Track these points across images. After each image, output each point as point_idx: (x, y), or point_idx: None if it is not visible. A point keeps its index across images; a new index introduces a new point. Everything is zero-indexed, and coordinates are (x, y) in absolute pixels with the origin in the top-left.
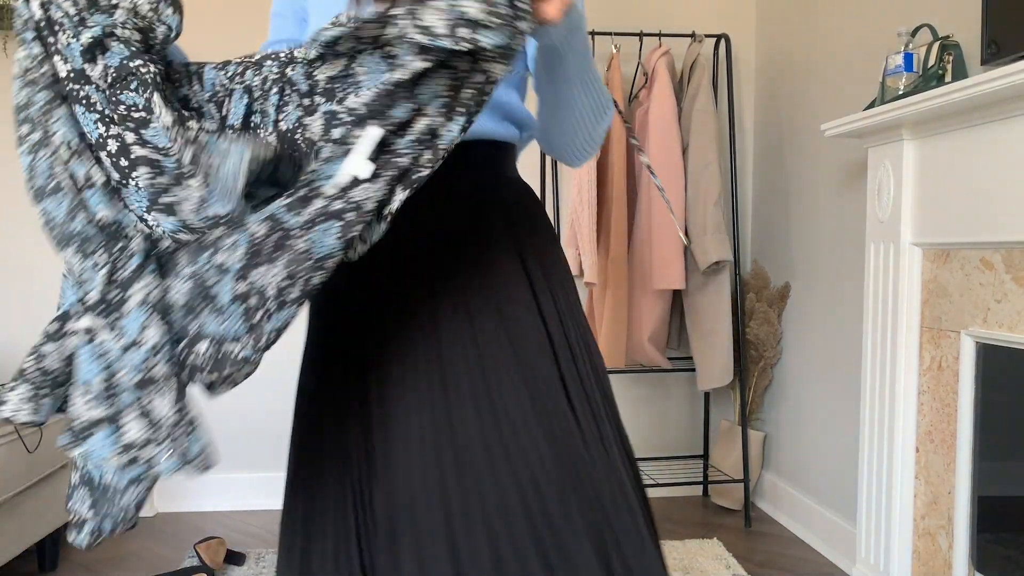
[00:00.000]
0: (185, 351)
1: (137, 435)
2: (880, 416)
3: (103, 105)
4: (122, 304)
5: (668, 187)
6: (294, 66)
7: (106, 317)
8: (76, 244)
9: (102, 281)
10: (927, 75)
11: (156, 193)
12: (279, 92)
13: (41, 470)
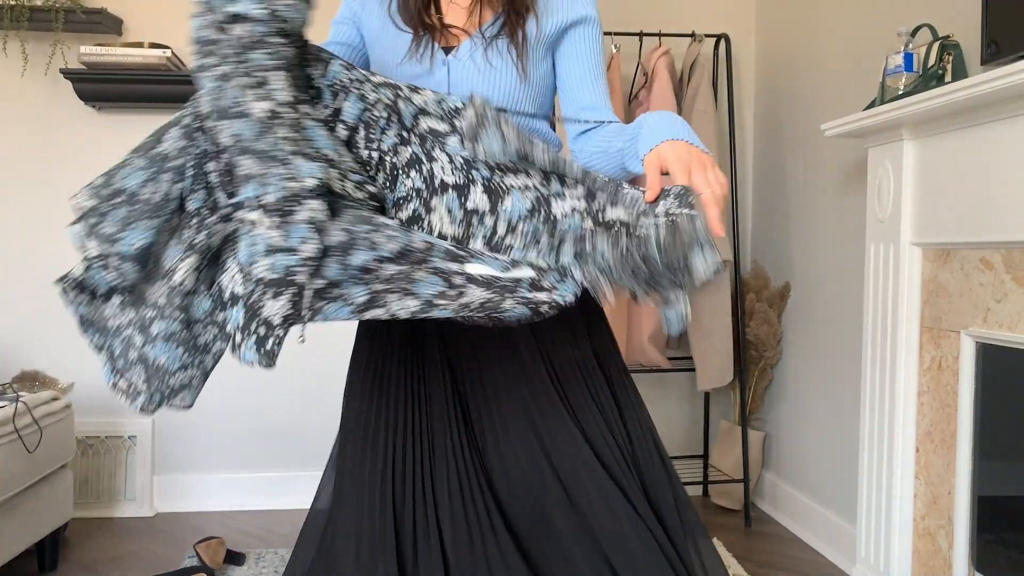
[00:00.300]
0: (311, 277)
1: (268, 313)
2: (880, 416)
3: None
4: (292, 215)
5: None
6: (406, 103)
7: (279, 218)
8: (259, 157)
9: (284, 193)
10: (927, 75)
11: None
12: (388, 115)
13: (41, 470)
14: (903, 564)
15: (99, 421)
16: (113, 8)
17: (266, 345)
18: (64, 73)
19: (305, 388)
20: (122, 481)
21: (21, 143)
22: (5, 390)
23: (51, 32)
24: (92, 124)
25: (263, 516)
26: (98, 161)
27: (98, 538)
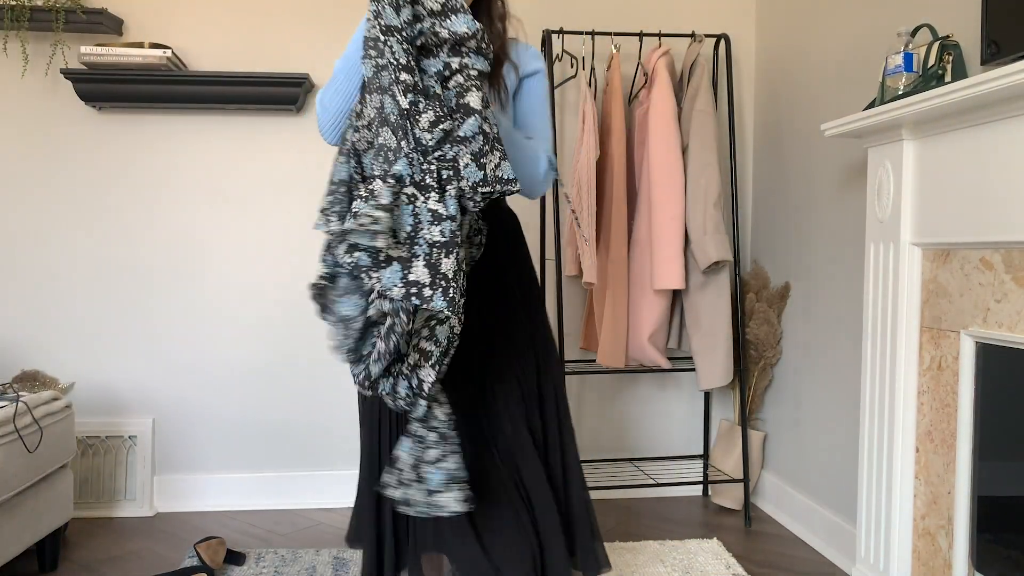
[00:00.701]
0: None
1: (420, 276)
2: (880, 416)
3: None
4: (446, 188)
5: (668, 187)
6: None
7: (436, 193)
8: (392, 129)
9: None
10: (927, 75)
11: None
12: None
13: (41, 470)
14: (903, 564)
15: (99, 421)
16: (114, 8)
17: (449, 294)
18: (64, 73)
19: (305, 388)
20: (122, 481)
21: (21, 143)
22: (5, 390)
23: (51, 32)
24: (92, 124)
25: (263, 516)
26: (98, 161)
27: (98, 538)
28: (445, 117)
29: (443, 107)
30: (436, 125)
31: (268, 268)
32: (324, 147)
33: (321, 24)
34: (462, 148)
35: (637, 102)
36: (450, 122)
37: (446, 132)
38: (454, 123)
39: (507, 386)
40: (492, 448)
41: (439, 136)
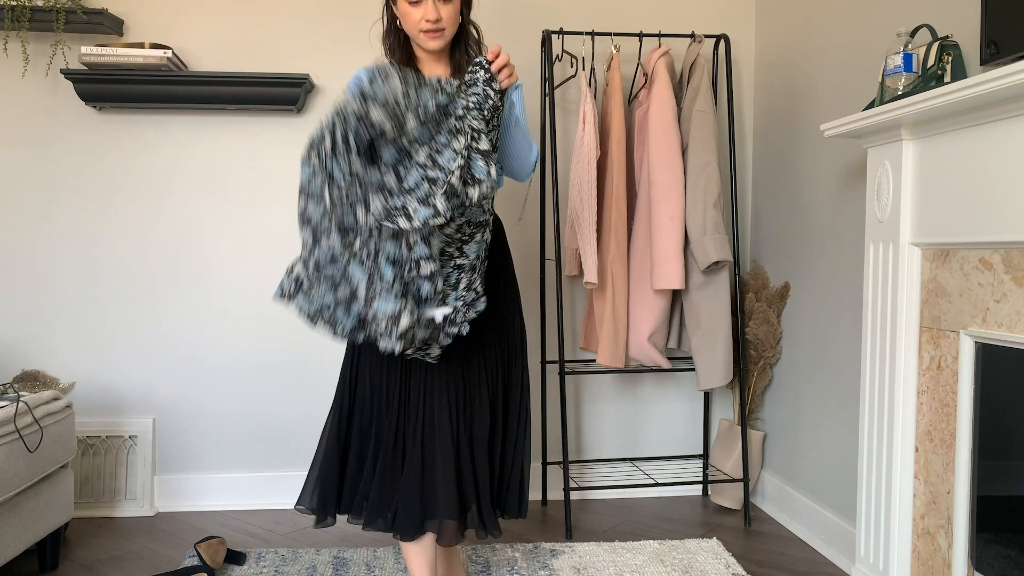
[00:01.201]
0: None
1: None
2: (879, 416)
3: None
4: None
5: (668, 187)
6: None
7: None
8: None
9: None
10: (926, 75)
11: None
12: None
13: (42, 470)
14: (902, 563)
15: (100, 421)
16: (114, 8)
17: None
18: (65, 73)
19: (305, 388)
20: (123, 481)
21: (22, 143)
22: (6, 390)
23: (52, 32)
24: (93, 124)
25: (263, 515)
26: (98, 161)
27: (99, 538)
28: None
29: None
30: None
31: (268, 268)
32: None
33: (321, 24)
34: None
35: (637, 102)
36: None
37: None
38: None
39: (481, 365)
40: (458, 412)
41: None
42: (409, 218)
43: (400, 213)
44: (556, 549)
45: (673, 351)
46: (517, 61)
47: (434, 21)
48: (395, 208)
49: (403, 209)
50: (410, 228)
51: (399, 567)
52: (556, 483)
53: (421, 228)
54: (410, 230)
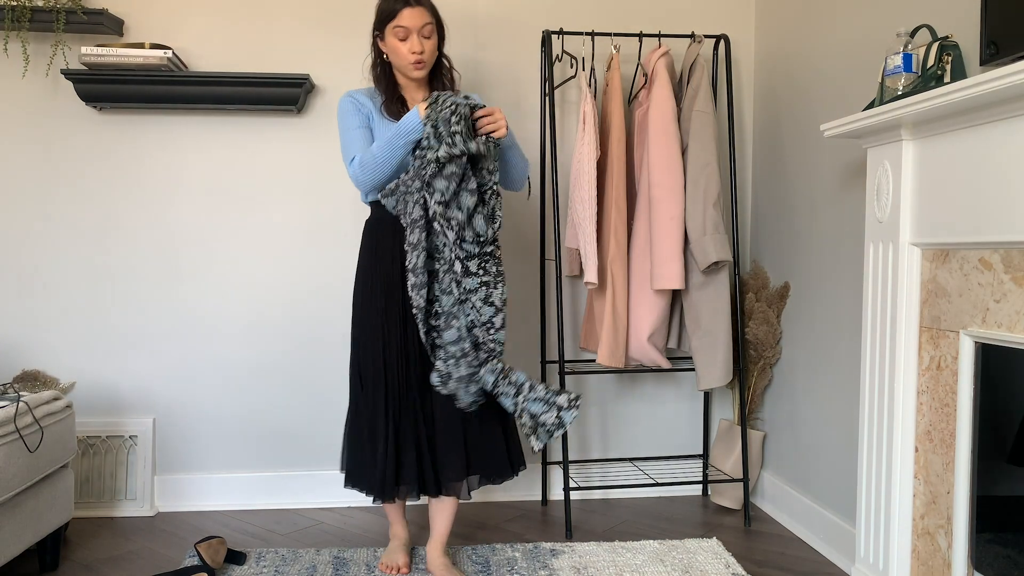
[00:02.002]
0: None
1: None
2: (879, 416)
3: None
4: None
5: (668, 187)
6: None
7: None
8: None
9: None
10: (926, 75)
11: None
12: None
13: (42, 470)
14: (902, 563)
15: (100, 421)
16: (114, 9)
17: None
18: (65, 74)
19: (305, 388)
20: (123, 481)
21: (22, 144)
22: (6, 390)
23: (52, 33)
24: (93, 125)
25: (263, 515)
26: (98, 161)
27: (99, 537)
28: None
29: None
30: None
31: (268, 268)
32: (324, 148)
33: (322, 25)
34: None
35: (637, 102)
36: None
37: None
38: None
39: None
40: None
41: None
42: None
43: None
44: (556, 549)
45: (673, 351)
46: (517, 61)
47: (419, 53)
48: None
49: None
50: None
51: None
52: (556, 483)
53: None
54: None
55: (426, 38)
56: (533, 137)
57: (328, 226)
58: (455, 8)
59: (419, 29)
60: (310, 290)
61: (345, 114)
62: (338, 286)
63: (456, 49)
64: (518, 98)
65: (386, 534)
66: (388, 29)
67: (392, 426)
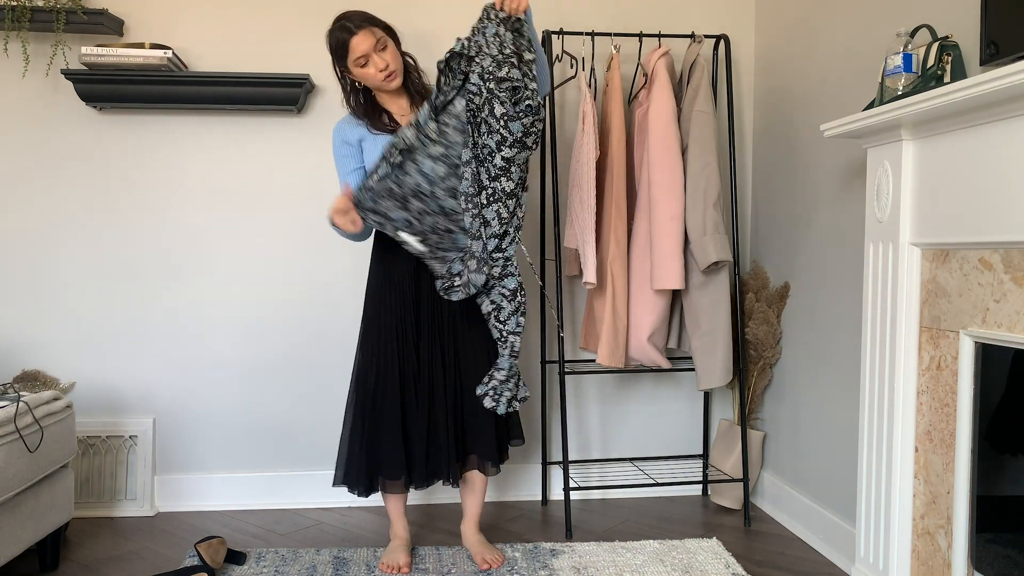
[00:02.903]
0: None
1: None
2: (879, 416)
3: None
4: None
5: (668, 187)
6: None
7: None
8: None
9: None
10: (926, 75)
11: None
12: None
13: (42, 470)
14: (902, 563)
15: (100, 421)
16: (114, 9)
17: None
18: (65, 74)
19: (305, 388)
20: (123, 481)
21: (22, 144)
22: (6, 390)
23: (52, 33)
24: (93, 125)
25: (263, 515)
26: (98, 161)
27: (99, 537)
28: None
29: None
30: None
31: (268, 268)
32: (324, 148)
33: (322, 25)
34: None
35: (637, 102)
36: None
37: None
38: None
39: (471, 347)
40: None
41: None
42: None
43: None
44: (556, 549)
45: (673, 351)
46: None
47: (383, 68)
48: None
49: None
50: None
51: None
52: (556, 483)
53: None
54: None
55: (383, 50)
56: None
57: (328, 225)
58: (455, 9)
59: (374, 48)
60: (310, 290)
61: (336, 151)
62: (338, 286)
63: None
64: None
65: (386, 534)
66: (348, 63)
67: (406, 416)
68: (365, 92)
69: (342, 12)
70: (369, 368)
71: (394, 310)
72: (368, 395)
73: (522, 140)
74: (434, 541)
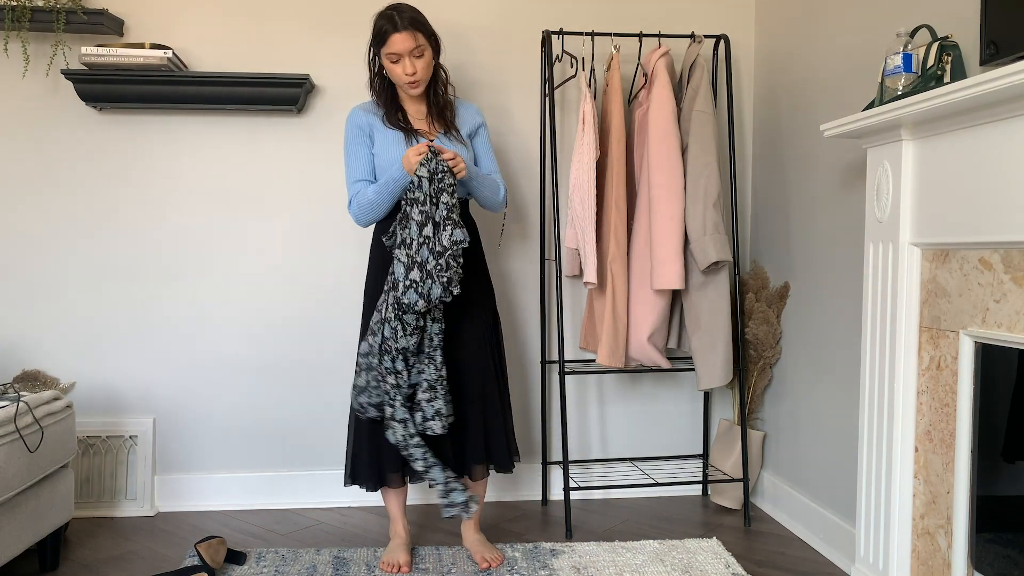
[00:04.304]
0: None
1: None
2: (879, 416)
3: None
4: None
5: (668, 187)
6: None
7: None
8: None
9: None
10: (926, 75)
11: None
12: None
13: (42, 470)
14: (902, 563)
15: (100, 421)
16: (114, 9)
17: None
18: (65, 74)
19: (305, 388)
20: (123, 481)
21: (22, 144)
22: (6, 390)
23: (52, 33)
24: (93, 125)
25: (263, 515)
26: (99, 161)
27: (99, 537)
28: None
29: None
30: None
31: (268, 268)
32: (324, 148)
33: (322, 25)
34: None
35: (637, 102)
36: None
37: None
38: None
39: (470, 342)
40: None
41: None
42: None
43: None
44: (556, 549)
45: (673, 351)
46: (517, 61)
47: (411, 74)
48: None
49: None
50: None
51: None
52: (556, 483)
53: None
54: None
55: (418, 58)
56: (533, 137)
57: (328, 226)
58: (455, 9)
59: (410, 52)
60: (310, 290)
61: (348, 135)
62: (338, 286)
63: (456, 50)
64: (517, 98)
65: (386, 534)
66: (382, 53)
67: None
68: (389, 82)
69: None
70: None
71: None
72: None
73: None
74: (434, 541)
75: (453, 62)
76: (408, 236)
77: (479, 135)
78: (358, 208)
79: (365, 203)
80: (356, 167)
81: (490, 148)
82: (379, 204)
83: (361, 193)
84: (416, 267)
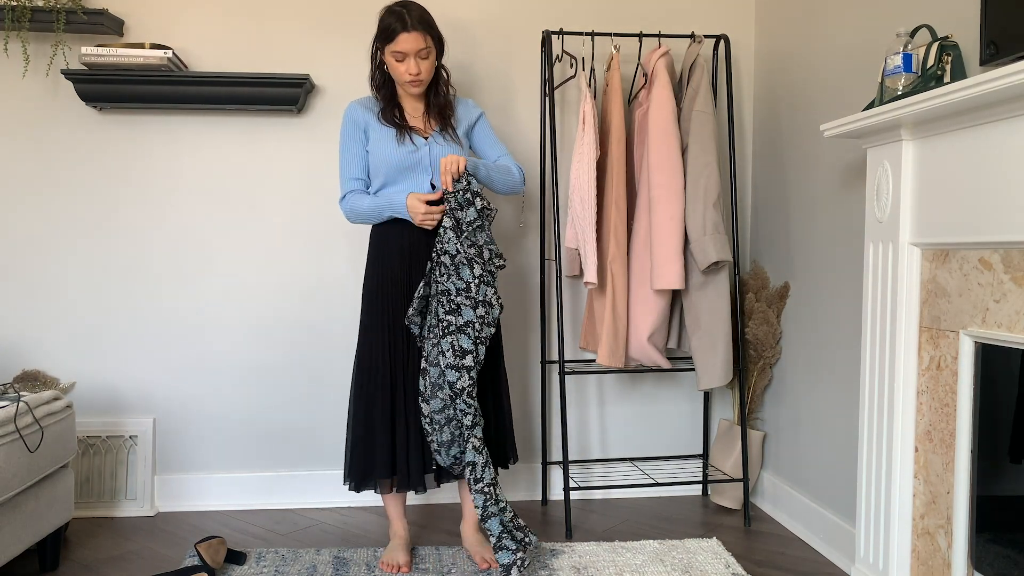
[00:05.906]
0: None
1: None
2: (879, 416)
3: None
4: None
5: (668, 187)
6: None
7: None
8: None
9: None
10: (926, 75)
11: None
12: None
13: (42, 470)
14: (902, 563)
15: (100, 421)
16: (114, 9)
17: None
18: (65, 74)
19: (305, 388)
20: (123, 481)
21: (22, 144)
22: (6, 390)
23: (52, 33)
24: (93, 125)
25: (263, 515)
26: (99, 161)
27: (99, 537)
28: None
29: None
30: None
31: (268, 268)
32: (324, 148)
33: (322, 25)
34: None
35: (637, 102)
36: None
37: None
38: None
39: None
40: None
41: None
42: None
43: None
44: (556, 549)
45: (673, 351)
46: (517, 61)
47: (415, 74)
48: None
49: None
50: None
51: None
52: (556, 483)
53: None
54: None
55: (423, 59)
56: (533, 137)
57: (328, 226)
58: (455, 9)
59: (417, 52)
60: (310, 290)
61: (343, 130)
62: (338, 286)
63: (456, 50)
64: (517, 98)
65: (386, 534)
66: (387, 50)
67: (404, 419)
68: (390, 77)
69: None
70: (363, 368)
71: (389, 310)
72: (363, 394)
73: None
74: (434, 541)
75: (453, 62)
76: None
77: (479, 126)
78: (351, 211)
79: (359, 211)
80: (350, 165)
81: (493, 135)
82: (371, 219)
83: (356, 199)
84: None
